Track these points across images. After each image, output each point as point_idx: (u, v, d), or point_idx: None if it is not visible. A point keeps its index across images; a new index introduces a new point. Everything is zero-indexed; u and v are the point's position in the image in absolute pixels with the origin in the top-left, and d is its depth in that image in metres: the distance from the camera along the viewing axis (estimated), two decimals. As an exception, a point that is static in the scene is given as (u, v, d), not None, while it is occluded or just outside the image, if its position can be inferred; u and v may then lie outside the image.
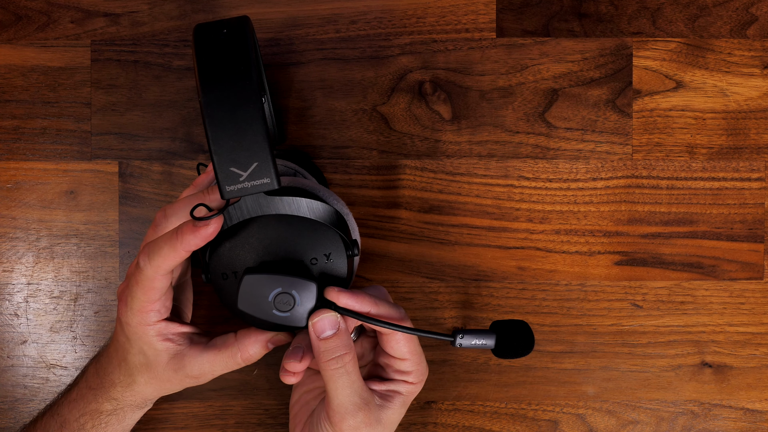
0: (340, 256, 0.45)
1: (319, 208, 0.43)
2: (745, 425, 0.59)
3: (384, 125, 0.58)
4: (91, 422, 0.49)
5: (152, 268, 0.43)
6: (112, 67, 0.58)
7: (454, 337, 0.45)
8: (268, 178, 0.40)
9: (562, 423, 0.59)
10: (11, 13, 0.58)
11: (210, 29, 0.41)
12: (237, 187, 0.40)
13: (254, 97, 0.39)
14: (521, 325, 0.47)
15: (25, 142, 0.58)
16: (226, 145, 0.39)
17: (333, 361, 0.43)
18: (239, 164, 0.40)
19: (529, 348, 0.46)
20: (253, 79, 0.40)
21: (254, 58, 0.40)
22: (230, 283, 0.45)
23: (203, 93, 0.39)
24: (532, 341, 0.47)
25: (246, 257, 0.44)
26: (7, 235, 0.58)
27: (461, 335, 0.45)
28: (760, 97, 0.58)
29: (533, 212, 0.58)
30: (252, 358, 0.47)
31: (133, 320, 0.45)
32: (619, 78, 0.58)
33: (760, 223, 0.59)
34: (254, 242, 0.44)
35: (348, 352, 0.43)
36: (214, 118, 0.39)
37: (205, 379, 0.48)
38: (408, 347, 0.45)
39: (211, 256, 0.44)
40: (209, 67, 0.40)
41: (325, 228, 0.44)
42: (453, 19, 0.58)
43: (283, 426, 0.58)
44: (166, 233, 0.43)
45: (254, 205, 0.42)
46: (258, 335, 0.47)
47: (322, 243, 0.44)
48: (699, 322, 0.59)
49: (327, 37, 0.58)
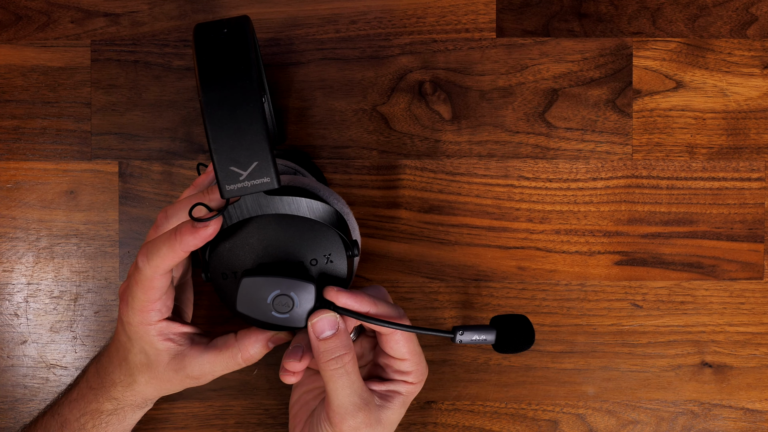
0: (340, 257, 0.45)
1: (319, 208, 0.43)
2: (745, 425, 0.59)
3: (384, 125, 0.58)
4: (92, 422, 0.49)
5: (151, 269, 0.43)
6: (112, 67, 0.58)
7: (454, 333, 0.45)
8: (268, 177, 0.40)
9: (562, 423, 0.59)
10: (11, 13, 0.58)
11: (210, 29, 0.41)
12: (237, 186, 0.40)
13: (254, 96, 0.39)
14: (521, 320, 0.47)
15: (25, 142, 0.58)
16: (226, 144, 0.39)
17: (332, 361, 0.43)
18: (239, 163, 0.40)
19: (530, 342, 0.46)
20: (253, 78, 0.40)
21: (254, 58, 0.40)
22: (230, 282, 0.45)
23: (203, 92, 0.39)
24: (533, 335, 0.47)
25: (246, 257, 0.44)
26: (7, 235, 0.58)
27: (461, 331, 0.45)
28: (760, 97, 0.58)
29: (533, 212, 0.58)
30: (253, 359, 0.47)
31: (134, 319, 0.45)
32: (619, 78, 0.58)
33: (760, 223, 0.59)
34: (254, 242, 0.44)
35: (347, 352, 0.43)
36: (214, 117, 0.39)
37: (205, 380, 0.48)
38: (407, 347, 0.45)
39: (211, 256, 0.44)
40: (209, 66, 0.40)
41: (326, 228, 0.44)
42: (453, 19, 0.58)
43: (283, 426, 0.58)
44: (165, 233, 0.43)
45: (254, 205, 0.42)
46: (258, 335, 0.47)
47: (322, 243, 0.44)
48: (699, 322, 0.59)
49: (327, 37, 0.58)
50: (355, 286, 0.52)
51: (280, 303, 0.43)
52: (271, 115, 0.54)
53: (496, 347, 0.46)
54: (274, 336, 0.47)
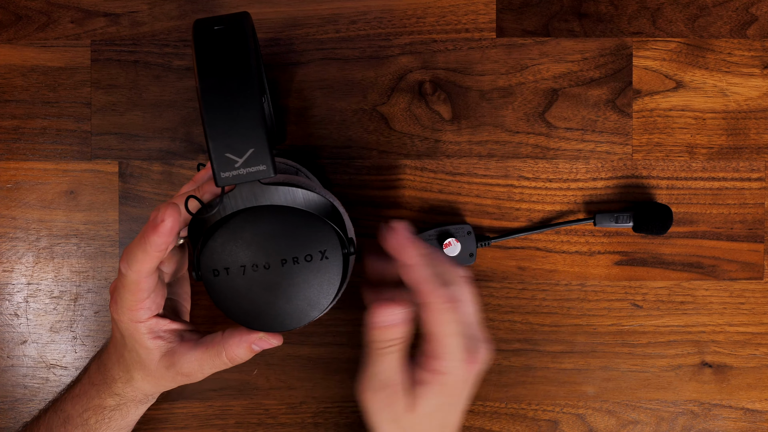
0: (335, 254, 0.44)
1: (315, 199, 0.42)
2: (745, 425, 0.59)
3: (384, 125, 0.58)
4: (95, 417, 0.49)
5: (133, 273, 0.43)
6: (112, 67, 0.58)
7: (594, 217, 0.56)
8: (263, 165, 0.39)
9: (562, 423, 0.59)
10: (11, 13, 0.58)
11: (209, 22, 0.41)
12: (232, 173, 0.39)
13: (251, 83, 0.39)
14: (662, 208, 0.56)
15: (25, 142, 0.58)
16: (222, 130, 0.39)
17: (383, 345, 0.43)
18: (235, 150, 0.39)
19: (667, 226, 0.56)
20: (250, 66, 0.39)
21: (252, 48, 0.40)
22: (221, 280, 0.44)
23: (200, 79, 0.39)
24: (671, 220, 0.56)
25: (238, 253, 0.43)
26: (7, 235, 0.58)
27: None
28: (760, 97, 0.58)
29: (533, 212, 0.58)
30: (238, 359, 0.46)
31: (123, 317, 0.45)
32: (619, 78, 0.58)
33: (760, 223, 0.59)
34: (247, 237, 0.43)
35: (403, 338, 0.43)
36: (211, 104, 0.39)
37: (196, 378, 0.47)
38: (437, 328, 0.42)
39: (202, 252, 0.43)
40: (207, 55, 0.40)
41: (321, 224, 0.43)
42: (453, 19, 0.58)
43: (283, 426, 0.58)
44: (137, 237, 0.42)
45: (249, 195, 0.42)
46: (243, 335, 0.46)
47: (318, 239, 0.43)
48: (699, 322, 0.59)
49: (327, 37, 0.58)
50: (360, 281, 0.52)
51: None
52: (271, 115, 0.54)
53: (635, 228, 0.56)
54: (259, 340, 0.46)
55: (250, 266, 0.43)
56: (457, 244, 0.56)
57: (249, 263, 0.43)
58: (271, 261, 0.43)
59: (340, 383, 0.58)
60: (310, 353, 0.58)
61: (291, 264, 0.44)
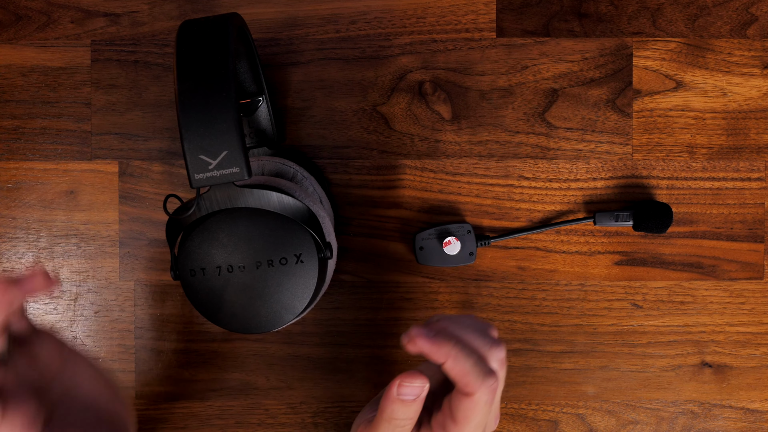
0: (311, 258, 0.43)
1: (290, 203, 0.42)
2: (745, 425, 0.59)
3: (384, 125, 0.58)
4: None
5: None
6: (112, 67, 0.58)
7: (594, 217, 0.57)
8: (237, 167, 0.39)
9: (562, 423, 0.59)
10: (11, 13, 0.58)
11: (194, 24, 0.41)
12: (206, 175, 0.39)
13: (227, 85, 0.39)
14: (661, 206, 0.56)
15: (25, 142, 0.58)
16: (196, 132, 0.39)
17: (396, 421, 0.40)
18: (208, 152, 0.39)
19: (667, 225, 0.56)
20: (228, 69, 0.39)
21: (233, 50, 0.40)
22: (197, 280, 0.44)
23: (178, 82, 0.39)
24: (670, 218, 0.56)
25: (214, 254, 0.44)
26: (7, 235, 0.58)
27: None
28: (760, 97, 0.58)
29: (533, 212, 0.58)
30: None
31: None
32: (619, 78, 0.58)
33: (760, 223, 0.59)
34: (223, 239, 0.43)
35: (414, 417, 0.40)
36: (186, 105, 0.39)
37: None
38: (463, 413, 0.39)
39: (180, 252, 0.44)
40: (186, 58, 0.40)
41: (297, 227, 0.43)
42: (453, 19, 0.58)
43: (283, 426, 0.58)
44: None
45: (224, 197, 0.42)
46: None
47: (293, 243, 0.43)
48: (699, 322, 0.59)
49: (327, 37, 0.58)
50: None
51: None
52: (270, 115, 0.54)
53: (634, 227, 0.57)
54: None
55: (226, 267, 0.44)
56: (456, 243, 0.56)
57: (224, 264, 0.44)
58: (245, 263, 0.44)
59: (340, 383, 0.58)
60: (310, 353, 0.58)
61: (266, 267, 0.44)
